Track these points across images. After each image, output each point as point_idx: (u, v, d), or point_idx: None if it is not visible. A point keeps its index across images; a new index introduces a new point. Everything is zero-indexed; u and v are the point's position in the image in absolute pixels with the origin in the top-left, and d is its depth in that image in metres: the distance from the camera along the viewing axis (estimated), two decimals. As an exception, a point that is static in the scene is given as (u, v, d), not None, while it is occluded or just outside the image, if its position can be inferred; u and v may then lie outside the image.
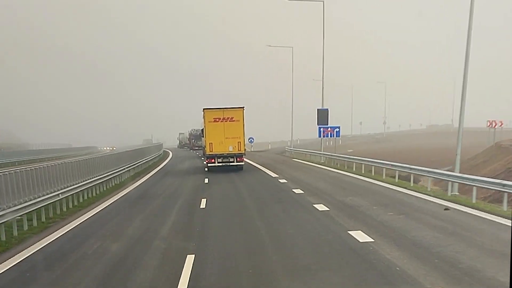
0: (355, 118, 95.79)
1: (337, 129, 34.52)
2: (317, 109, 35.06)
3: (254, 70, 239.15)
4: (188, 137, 73.61)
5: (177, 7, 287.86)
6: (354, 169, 25.82)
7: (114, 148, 78.33)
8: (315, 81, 67.59)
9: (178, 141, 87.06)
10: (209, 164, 27.45)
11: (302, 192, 17.27)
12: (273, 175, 24.66)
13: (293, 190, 17.91)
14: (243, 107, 26.87)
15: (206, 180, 23.17)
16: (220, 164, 27.13)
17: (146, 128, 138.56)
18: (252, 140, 59.91)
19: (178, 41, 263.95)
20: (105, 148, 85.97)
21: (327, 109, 35.12)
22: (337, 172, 25.09)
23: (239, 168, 27.98)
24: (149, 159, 37.79)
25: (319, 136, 35.03)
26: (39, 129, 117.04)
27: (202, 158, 38.04)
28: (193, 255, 8.69)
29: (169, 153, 63.25)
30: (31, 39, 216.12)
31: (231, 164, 27.27)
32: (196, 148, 62.15)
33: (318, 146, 66.34)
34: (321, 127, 34.50)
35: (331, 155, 31.63)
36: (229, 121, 26.43)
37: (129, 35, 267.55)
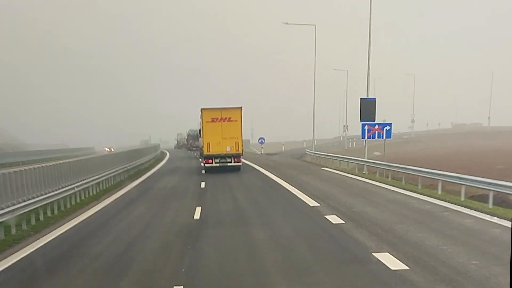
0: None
1: (388, 127, 24.70)
2: (360, 99, 25.25)
3: (255, 70, 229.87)
4: (186, 137, 69.85)
5: (177, 6, 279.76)
6: (439, 192, 15.96)
7: (112, 149, 73.11)
8: (337, 70, 57.92)
9: (176, 142, 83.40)
10: (206, 165, 26.96)
11: (406, 267, 7.49)
12: (310, 201, 14.88)
13: (377, 255, 8.15)
14: (241, 107, 26.14)
15: (197, 214, 13.39)
16: (218, 164, 26.63)
17: (146, 128, 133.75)
18: (263, 141, 50.45)
19: (179, 41, 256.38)
20: (106, 149, 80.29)
21: (374, 99, 25.32)
22: (419, 199, 15.16)
23: (236, 169, 27.15)
24: (130, 167, 28.18)
25: (363, 136, 25.25)
26: (38, 130, 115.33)
27: (200, 159, 36.32)
28: None
29: (165, 154, 56.10)
30: (30, 38, 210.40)
31: (228, 164, 26.66)
32: (194, 148, 58.73)
33: (337, 148, 56.25)
34: (365, 124, 24.67)
35: (390, 165, 21.58)
36: (227, 121, 25.91)
37: (129, 35, 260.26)
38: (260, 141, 50.40)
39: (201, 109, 26.57)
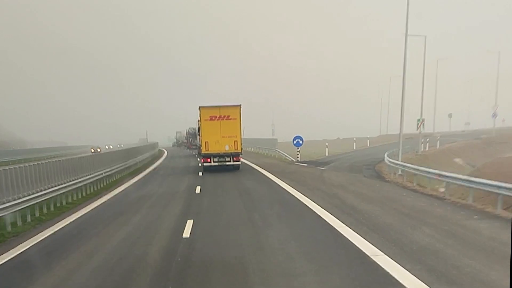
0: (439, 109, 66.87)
1: None
2: None
3: (254, 69, 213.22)
4: (185, 135, 66.83)
5: (179, 6, 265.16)
6: None
7: (99, 150, 64.65)
8: (412, 36, 39.66)
9: (175, 140, 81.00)
10: (204, 164, 25.86)
11: None
12: None
13: None
14: (240, 104, 25.43)
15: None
16: (216, 163, 25.51)
17: (146, 126, 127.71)
18: (300, 142, 33.02)
19: (180, 40, 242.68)
20: (91, 150, 73.42)
21: None
22: None
23: (235, 168, 25.71)
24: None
25: None
26: (38, 127, 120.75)
27: (197, 158, 35.64)
28: None
29: (160, 156, 47.12)
30: (31, 35, 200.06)
31: (227, 164, 25.55)
32: (193, 147, 55.48)
33: (406, 154, 37.61)
34: None
35: None
36: (226, 119, 25.20)
37: (131, 34, 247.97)
38: (295, 142, 32.62)
39: (199, 107, 25.73)
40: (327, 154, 37.81)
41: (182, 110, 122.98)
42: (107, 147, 77.75)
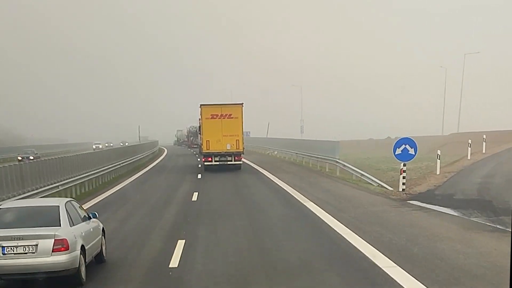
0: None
1: None
2: None
3: (255, 67, 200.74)
4: (186, 134, 65.55)
5: (180, 5, 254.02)
6: None
7: (31, 158, 49.86)
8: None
9: (176, 138, 79.00)
10: (205, 163, 25.75)
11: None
12: None
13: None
14: (242, 103, 25.35)
15: None
16: (217, 163, 25.19)
17: (150, 125, 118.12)
18: (411, 153, 15.64)
19: (182, 39, 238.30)
20: (93, 147, 67.49)
21: None
22: None
23: (237, 168, 25.18)
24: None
25: None
26: (39, 124, 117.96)
27: (197, 156, 35.43)
28: None
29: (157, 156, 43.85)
30: (31, 34, 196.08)
31: (228, 163, 25.18)
32: (194, 146, 52.81)
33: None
34: None
35: None
36: (227, 118, 24.89)
37: (134, 33, 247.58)
38: (401, 152, 15.45)
39: (201, 105, 25.63)
40: (438, 172, 20.53)
41: (187, 108, 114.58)
42: (94, 147, 61.33)
